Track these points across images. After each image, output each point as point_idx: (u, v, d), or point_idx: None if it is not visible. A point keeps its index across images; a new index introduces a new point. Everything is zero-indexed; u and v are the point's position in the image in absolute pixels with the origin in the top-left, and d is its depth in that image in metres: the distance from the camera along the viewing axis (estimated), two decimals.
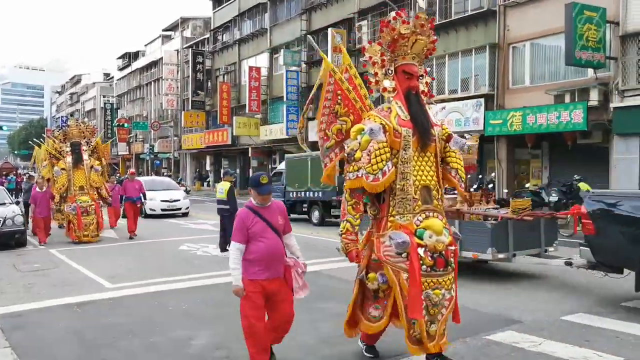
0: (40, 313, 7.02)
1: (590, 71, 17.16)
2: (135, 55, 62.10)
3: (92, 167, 14.40)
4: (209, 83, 42.84)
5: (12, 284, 8.87)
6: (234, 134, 36.63)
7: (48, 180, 15.00)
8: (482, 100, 20.82)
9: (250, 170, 36.43)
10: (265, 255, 4.54)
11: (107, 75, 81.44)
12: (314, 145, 24.10)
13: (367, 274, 4.83)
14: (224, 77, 40.34)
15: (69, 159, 14.40)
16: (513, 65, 20.26)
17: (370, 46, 5.09)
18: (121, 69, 66.64)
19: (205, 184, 43.67)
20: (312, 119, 29.10)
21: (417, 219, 4.66)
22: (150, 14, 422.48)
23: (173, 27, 52.90)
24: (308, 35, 26.64)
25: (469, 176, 23.68)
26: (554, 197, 15.56)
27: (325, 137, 5.20)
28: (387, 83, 4.95)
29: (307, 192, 17.97)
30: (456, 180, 5.00)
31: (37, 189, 13.93)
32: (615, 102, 16.37)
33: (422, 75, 5.07)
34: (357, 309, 5.03)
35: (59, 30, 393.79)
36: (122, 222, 16.35)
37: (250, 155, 36.09)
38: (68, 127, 15.51)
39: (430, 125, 4.86)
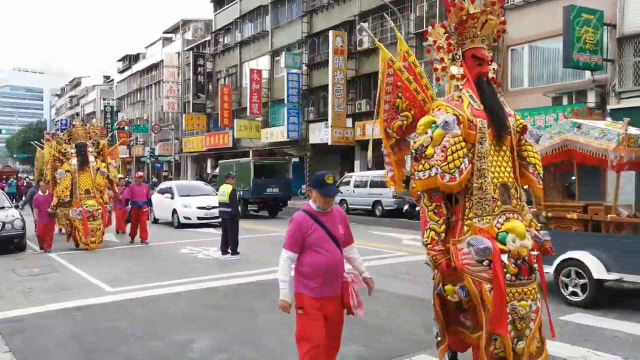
0: (39, 318, 7.03)
1: (587, 73, 17.22)
2: (135, 58, 62.20)
3: (98, 169, 13.66)
4: (210, 86, 42.91)
5: (11, 288, 8.88)
6: (235, 136, 36.68)
7: (49, 182, 14.53)
8: None
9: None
10: (324, 270, 4.03)
11: (107, 77, 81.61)
12: (315, 148, 23.97)
13: (444, 286, 4.27)
14: (225, 80, 40.39)
15: (74, 160, 13.55)
16: (512, 68, 20.31)
17: (433, 29, 4.56)
18: (121, 72, 66.74)
19: None
20: (314, 120, 29.06)
21: (498, 222, 4.12)
22: (151, 16, 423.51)
23: (174, 30, 52.99)
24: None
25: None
26: None
27: (386, 136, 4.72)
28: (455, 69, 4.44)
29: None
30: (534, 177, 4.51)
31: (40, 193, 13.51)
32: (612, 104, 16.42)
33: (490, 61, 4.51)
34: (449, 325, 4.41)
35: (58, 32, 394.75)
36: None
37: (251, 157, 36.10)
38: (73, 127, 14.64)
39: (506, 116, 4.38)
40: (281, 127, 32.35)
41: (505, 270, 3.99)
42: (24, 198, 27.87)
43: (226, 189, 11.95)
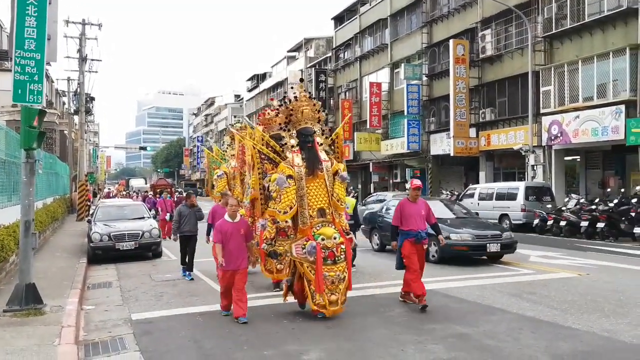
0: (167, 321, 7.52)
1: None
2: (262, 77, 65.52)
3: (336, 173, 7.84)
4: (332, 100, 43.82)
5: (146, 292, 9.63)
6: (356, 149, 37.03)
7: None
8: (622, 107, 19.11)
9: (372, 186, 36.57)
10: None
11: (237, 96, 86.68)
12: (436, 159, 23.45)
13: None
14: (345, 94, 41.07)
15: (298, 159, 7.75)
16: None
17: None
18: (250, 90, 70.58)
19: None
20: (435, 131, 28.63)
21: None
22: (276, 37, 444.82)
23: (297, 48, 55.05)
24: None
25: (608, 190, 21.68)
26: None
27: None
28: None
29: None
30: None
31: (227, 218, 7.56)
32: None
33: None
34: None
35: (195, 57, 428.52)
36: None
37: (371, 170, 36.23)
38: (295, 101, 8.18)
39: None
40: (401, 139, 32.09)
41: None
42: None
43: (349, 202, 11.93)
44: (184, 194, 16.85)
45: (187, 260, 11.14)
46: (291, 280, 7.91)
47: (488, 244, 11.98)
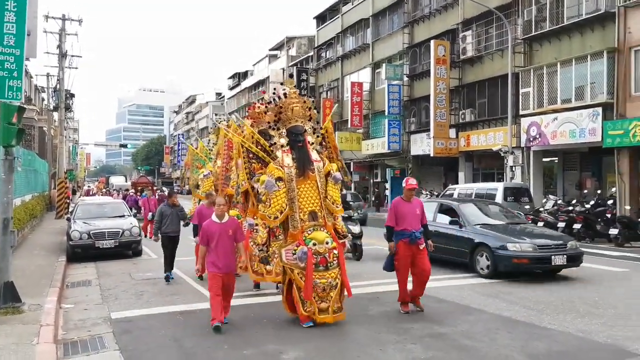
0: (147, 319, 7.51)
1: None
2: (244, 75, 65.27)
3: (328, 174, 7.54)
4: (313, 100, 43.84)
5: (126, 291, 9.60)
6: None
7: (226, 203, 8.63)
8: (599, 109, 19.45)
9: (352, 185, 36.66)
10: None
11: (218, 94, 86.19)
12: (416, 159, 23.56)
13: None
14: (327, 93, 41.12)
15: (289, 159, 7.44)
16: (635, 71, 18.74)
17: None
18: (231, 88, 70.24)
19: None
20: (416, 132, 28.77)
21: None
22: (258, 32, 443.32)
23: (279, 47, 54.95)
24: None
25: (585, 191, 21.95)
26: None
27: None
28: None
29: None
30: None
31: (215, 219, 7.18)
32: None
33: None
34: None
35: (177, 54, 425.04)
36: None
37: (352, 169, 36.32)
38: (284, 98, 7.87)
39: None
40: (382, 139, 32.26)
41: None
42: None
43: None
44: (166, 192, 16.63)
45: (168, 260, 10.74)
46: (280, 287, 7.63)
47: (553, 256, 10.01)
